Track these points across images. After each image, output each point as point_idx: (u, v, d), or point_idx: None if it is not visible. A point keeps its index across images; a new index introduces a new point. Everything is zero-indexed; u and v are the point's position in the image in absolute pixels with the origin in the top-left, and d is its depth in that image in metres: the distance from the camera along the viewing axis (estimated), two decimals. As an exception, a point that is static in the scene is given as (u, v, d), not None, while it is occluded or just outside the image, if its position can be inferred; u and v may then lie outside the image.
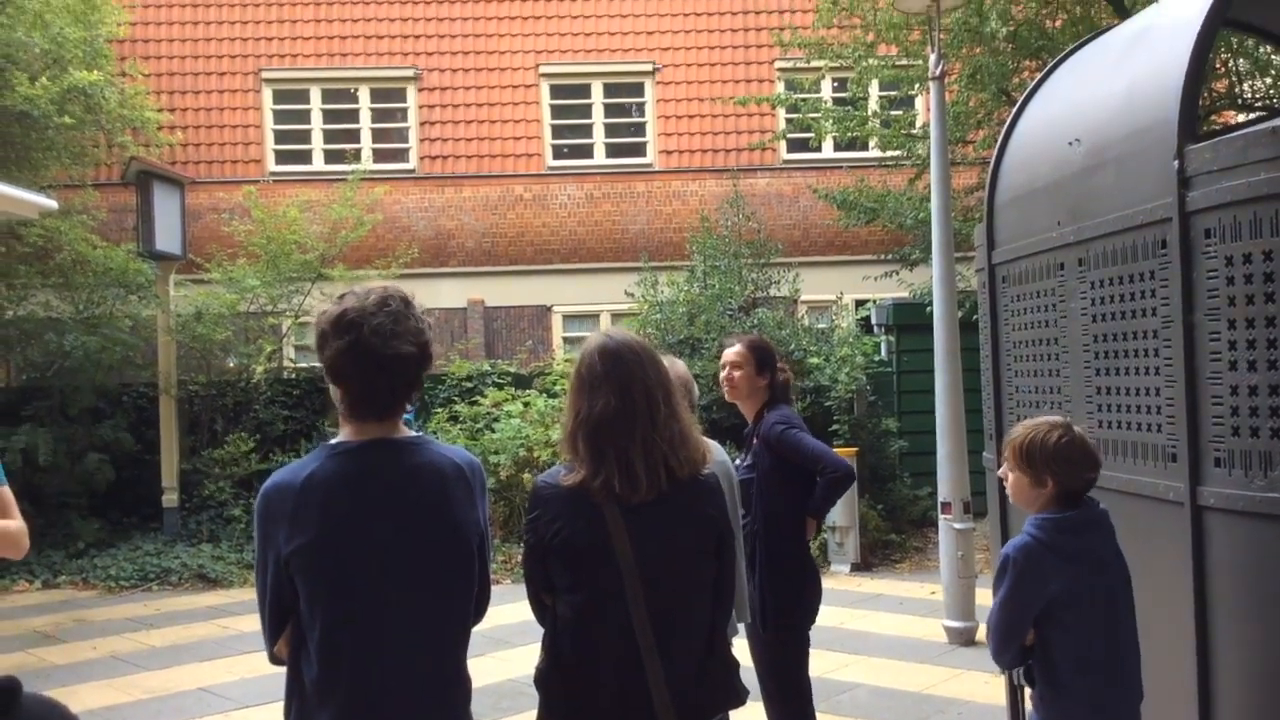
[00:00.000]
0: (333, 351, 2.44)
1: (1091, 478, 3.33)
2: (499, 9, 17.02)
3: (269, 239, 12.85)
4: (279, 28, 16.73)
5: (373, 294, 2.48)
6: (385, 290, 2.51)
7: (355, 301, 2.47)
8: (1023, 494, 3.36)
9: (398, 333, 2.44)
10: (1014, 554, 3.21)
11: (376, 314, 2.43)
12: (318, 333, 2.49)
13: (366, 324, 2.42)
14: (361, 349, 2.41)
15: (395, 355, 2.43)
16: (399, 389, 2.50)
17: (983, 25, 10.12)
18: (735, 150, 16.89)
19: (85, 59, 11.95)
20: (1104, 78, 4.86)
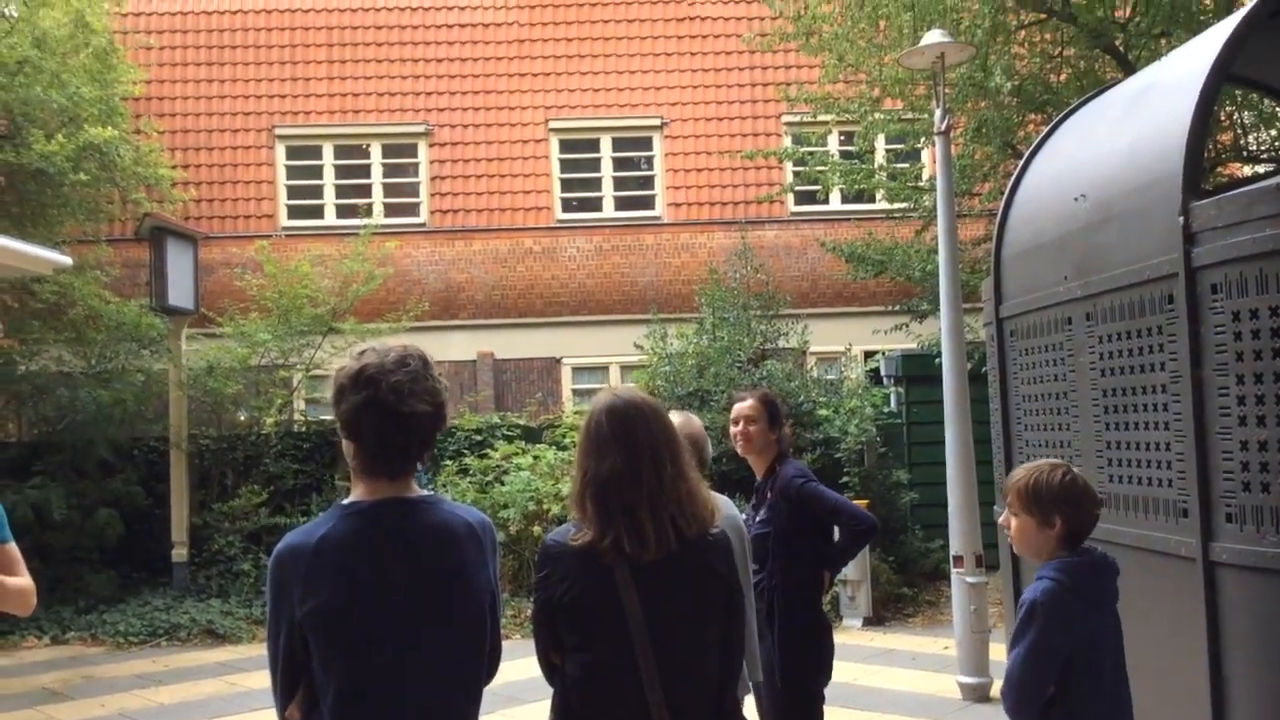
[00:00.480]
0: (349, 406, 2.47)
1: (1097, 514, 3.24)
2: (509, 66, 17.23)
3: (281, 293, 12.95)
4: (292, 85, 16.96)
5: (392, 352, 2.52)
6: (405, 349, 2.54)
7: (375, 359, 2.50)
8: (1030, 539, 3.26)
9: (415, 391, 2.47)
10: (1040, 599, 3.09)
11: (395, 372, 2.46)
12: (335, 387, 2.52)
13: (384, 381, 2.45)
14: (377, 405, 2.44)
15: (410, 413, 2.45)
16: (412, 447, 2.52)
17: (987, 80, 10.21)
18: (743, 203, 17.00)
19: (101, 117, 12.14)
20: (1108, 134, 4.90)
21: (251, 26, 17.00)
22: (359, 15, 17.11)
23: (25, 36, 11.75)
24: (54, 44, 11.93)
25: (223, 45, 16.92)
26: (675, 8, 17.44)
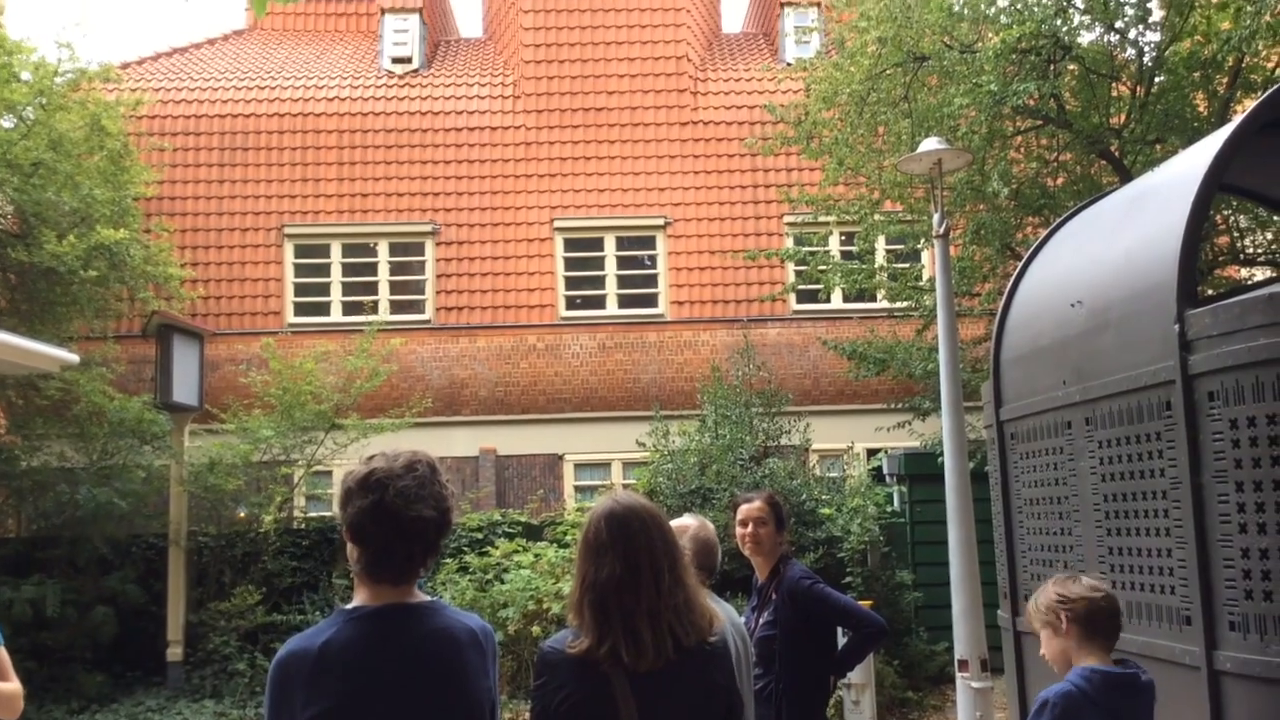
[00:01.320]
0: (355, 510, 2.49)
1: (1107, 620, 3.22)
2: (516, 167, 17.53)
3: (285, 389, 13.00)
4: (302, 185, 17.24)
5: (401, 457, 2.55)
6: (414, 455, 2.57)
7: (383, 463, 2.53)
8: (1060, 652, 3.24)
9: (421, 496, 2.49)
10: (1053, 699, 3.07)
11: (403, 476, 2.49)
12: (343, 491, 2.55)
13: (392, 485, 2.47)
14: (384, 509, 2.46)
15: (417, 518, 2.48)
16: (416, 553, 2.54)
17: (984, 185, 10.37)
18: (746, 301, 17.13)
19: (113, 217, 12.33)
20: (1104, 241, 4.98)
21: (264, 130, 17.34)
22: (369, 119, 17.46)
23: (41, 139, 12.00)
24: (69, 147, 12.18)
25: (235, 147, 17.24)
26: (679, 111, 17.80)
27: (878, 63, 11.29)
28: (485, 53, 19.44)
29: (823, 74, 12.34)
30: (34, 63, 12.70)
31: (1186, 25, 10.40)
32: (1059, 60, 10.62)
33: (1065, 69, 10.97)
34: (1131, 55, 11.09)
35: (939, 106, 10.82)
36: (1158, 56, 10.67)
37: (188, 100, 17.36)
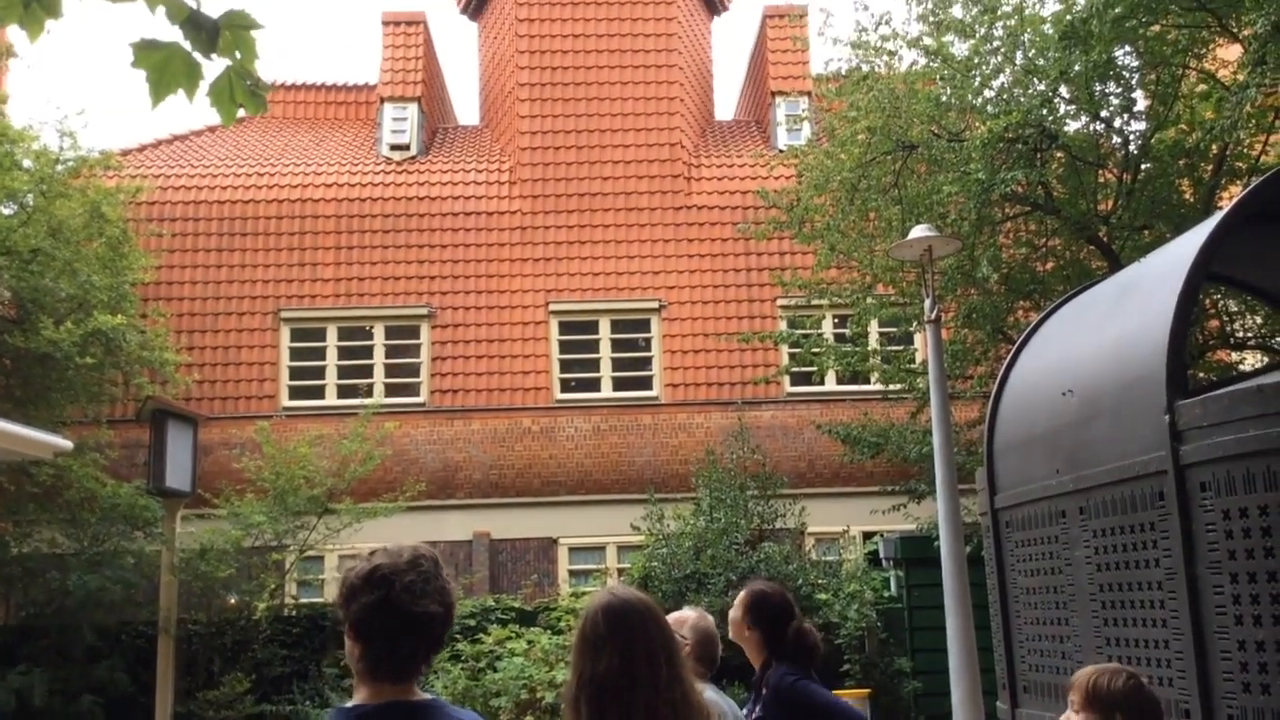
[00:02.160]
0: (360, 606, 2.48)
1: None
2: (511, 251, 17.69)
3: (278, 473, 12.97)
4: (299, 270, 17.37)
5: (405, 552, 2.55)
6: (416, 550, 2.58)
7: (388, 559, 2.53)
8: None
9: (427, 591, 2.49)
10: None
11: (408, 572, 2.49)
12: (346, 587, 2.53)
13: (398, 581, 2.47)
14: (390, 605, 2.46)
15: (423, 614, 2.48)
16: (421, 650, 2.53)
17: (975, 271, 10.49)
18: (740, 384, 17.18)
19: (110, 304, 12.41)
20: (1094, 329, 5.04)
21: (262, 215, 17.51)
22: (367, 204, 17.67)
23: (41, 226, 12.13)
24: (69, 233, 12.31)
25: (233, 232, 17.40)
26: (673, 196, 18.04)
27: (868, 151, 11.49)
28: (482, 140, 19.74)
29: (814, 161, 12.54)
30: (36, 150, 12.88)
31: (1171, 114, 10.62)
32: (1046, 149, 10.81)
33: (1052, 157, 11.17)
34: (1117, 143, 11.30)
35: (928, 193, 10.99)
36: (1143, 145, 10.88)
37: (187, 186, 17.56)
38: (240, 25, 3.23)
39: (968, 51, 11.43)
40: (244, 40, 3.24)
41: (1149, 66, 10.66)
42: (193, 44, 3.16)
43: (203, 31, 3.14)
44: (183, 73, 3.17)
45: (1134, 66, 10.73)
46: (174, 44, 3.14)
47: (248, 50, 3.25)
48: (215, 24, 3.18)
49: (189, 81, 3.18)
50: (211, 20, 3.17)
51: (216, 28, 3.18)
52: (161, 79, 3.15)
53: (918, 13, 11.88)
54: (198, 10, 3.13)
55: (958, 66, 11.33)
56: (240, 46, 3.24)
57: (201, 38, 3.15)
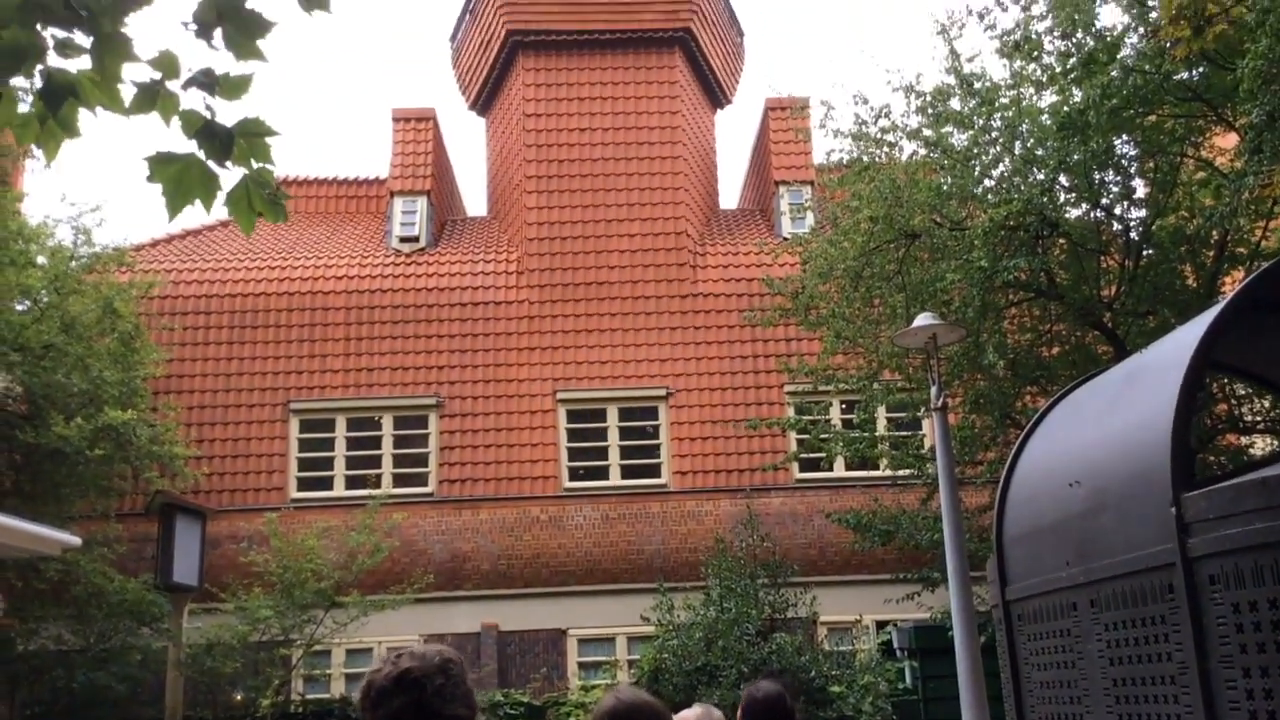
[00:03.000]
0: (390, 711, 2.46)
1: None
2: (519, 340, 17.81)
3: (285, 567, 12.91)
4: (309, 361, 17.48)
5: (433, 656, 2.56)
6: (444, 654, 2.59)
7: (417, 662, 2.53)
8: None
9: (457, 695, 2.51)
10: None
11: (439, 675, 2.50)
12: (373, 691, 2.50)
13: (429, 684, 2.47)
14: (422, 709, 2.46)
15: (453, 717, 2.48)
16: None
17: (981, 357, 10.54)
18: (748, 470, 17.13)
19: (121, 398, 12.49)
20: (1099, 419, 5.05)
21: (273, 308, 17.67)
22: (376, 296, 17.84)
23: (54, 322, 12.27)
24: (81, 329, 12.45)
25: (244, 325, 17.55)
26: (679, 284, 18.19)
27: (871, 239, 11.63)
28: (490, 231, 20.00)
29: (818, 249, 12.69)
30: (51, 248, 13.08)
31: (1170, 201, 10.76)
32: (1047, 236, 10.93)
33: (1054, 243, 11.29)
34: (1118, 230, 11.42)
35: (932, 280, 11.09)
36: (1144, 231, 10.99)
37: (199, 280, 17.77)
38: (255, 133, 3.25)
39: (966, 142, 11.63)
40: (260, 147, 3.28)
41: (1147, 155, 10.82)
42: (208, 153, 3.19)
43: (217, 140, 3.18)
44: (199, 183, 3.20)
45: (1132, 155, 10.90)
46: (190, 155, 3.17)
47: (264, 156, 3.28)
48: (230, 133, 3.21)
49: (205, 192, 3.21)
50: (226, 129, 3.19)
51: (231, 136, 3.21)
52: (178, 190, 3.18)
53: (916, 105, 12.12)
54: (213, 120, 3.17)
55: (957, 156, 11.52)
56: (256, 154, 3.27)
57: (216, 147, 3.18)
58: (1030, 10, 11.41)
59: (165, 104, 3.16)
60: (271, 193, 3.29)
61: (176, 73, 3.13)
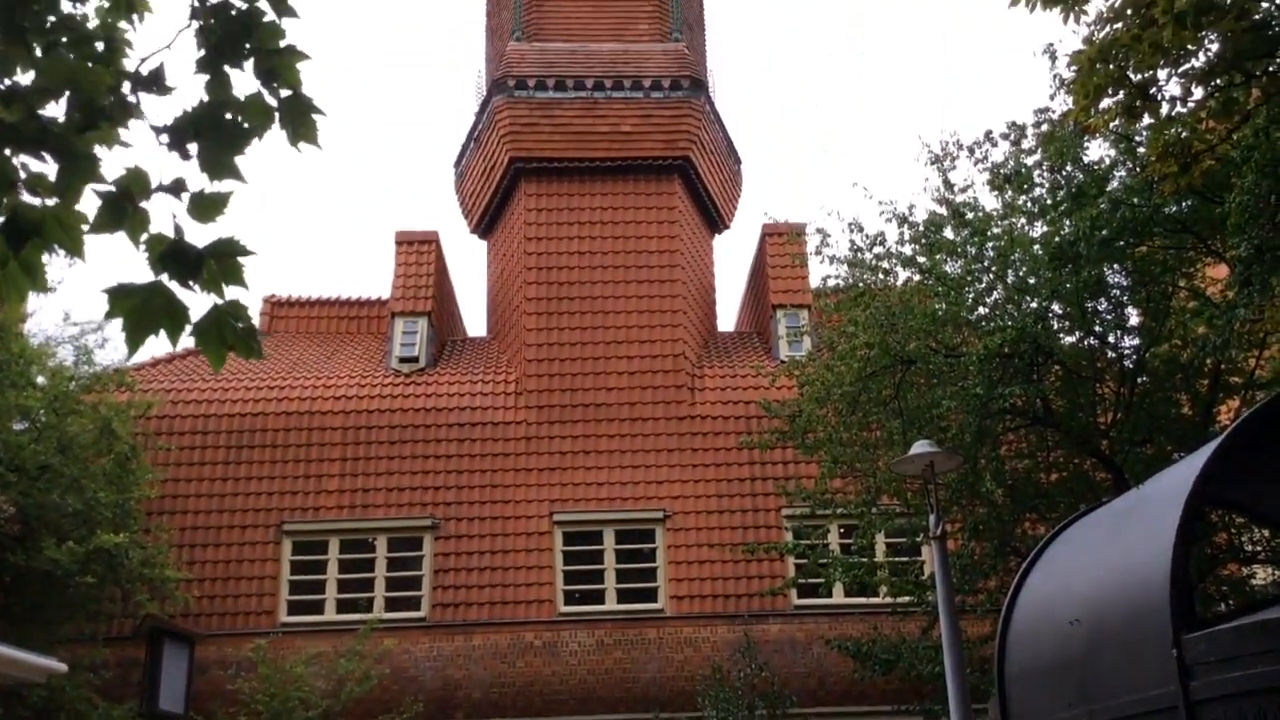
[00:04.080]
0: None
1: None
2: (516, 462, 17.75)
3: (272, 695, 12.64)
4: (304, 482, 17.40)
5: None
6: None
7: None
8: None
9: None
10: None
11: None
12: None
13: None
14: None
15: None
16: None
17: (979, 485, 10.52)
18: (746, 596, 16.91)
19: (114, 520, 12.40)
20: (1098, 556, 5.03)
21: (270, 428, 17.66)
22: (374, 416, 17.85)
23: (51, 443, 12.26)
24: (78, 450, 12.43)
25: (240, 445, 17.50)
26: (677, 407, 18.22)
27: (867, 365, 11.70)
28: (490, 351, 20.12)
29: (814, 374, 12.75)
30: (51, 368, 13.13)
31: (1163, 330, 10.86)
32: (1042, 364, 11.01)
33: (1049, 371, 11.36)
34: (1113, 357, 11.50)
35: (928, 407, 11.13)
36: (1138, 359, 11.07)
37: (197, 400, 17.79)
38: (227, 253, 2.95)
39: (960, 270, 11.80)
40: (232, 269, 2.95)
41: (1139, 284, 10.97)
42: (171, 275, 2.88)
43: (186, 262, 2.89)
44: (164, 312, 2.87)
45: (1124, 284, 11.05)
46: (155, 283, 2.86)
47: (236, 279, 2.95)
48: (199, 254, 2.90)
49: (171, 321, 2.89)
50: (195, 250, 2.89)
51: (200, 258, 2.90)
52: (140, 322, 2.86)
53: (910, 235, 12.34)
54: (180, 239, 2.88)
55: (951, 283, 11.68)
56: (227, 275, 2.95)
57: (182, 269, 2.89)
58: (1020, 145, 11.72)
59: (133, 223, 2.90)
60: (246, 325, 2.96)
61: (147, 191, 2.91)
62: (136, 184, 2.90)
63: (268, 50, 3.07)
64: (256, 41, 3.06)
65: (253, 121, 3.08)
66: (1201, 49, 7.77)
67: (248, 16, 3.05)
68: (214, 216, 2.95)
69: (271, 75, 3.09)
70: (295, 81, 3.12)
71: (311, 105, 3.14)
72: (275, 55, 3.08)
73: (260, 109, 3.08)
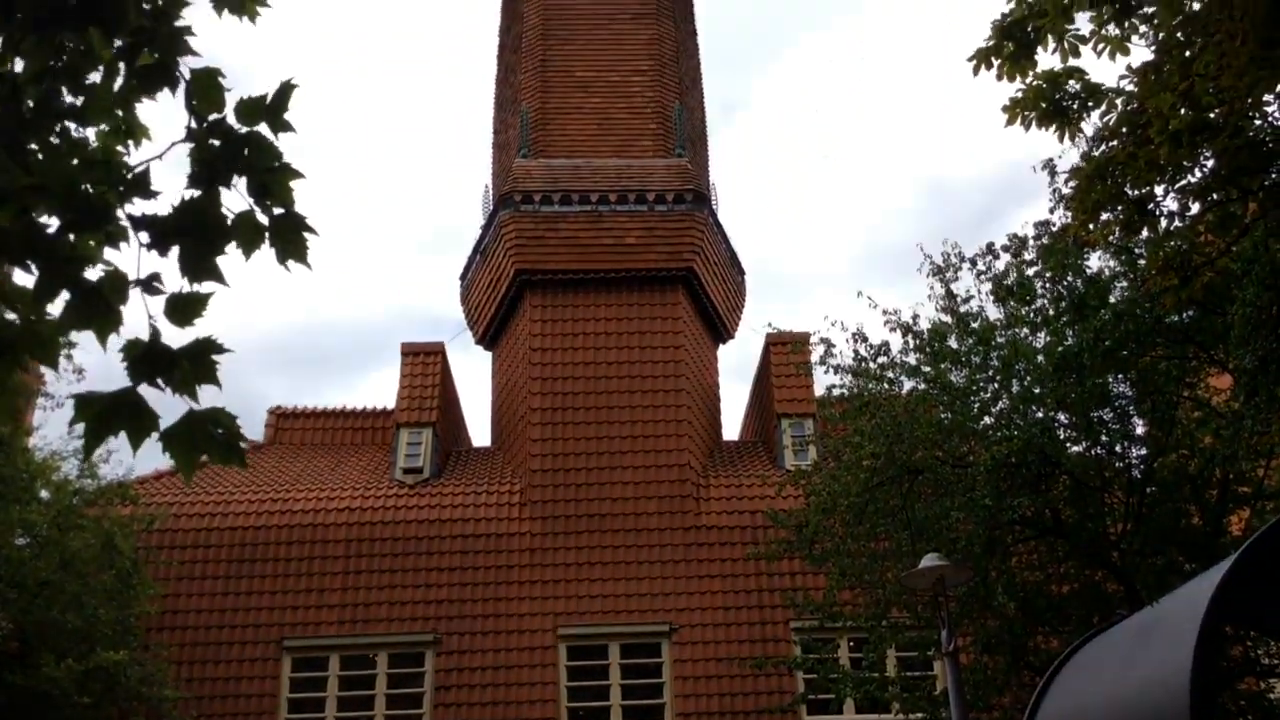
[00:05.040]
0: None
1: None
2: (520, 574, 17.56)
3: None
4: (305, 596, 17.19)
5: None
6: None
7: None
8: None
9: None
10: None
11: None
12: None
13: None
14: None
15: None
16: None
17: (990, 599, 10.38)
18: (755, 712, 16.54)
19: (114, 637, 12.23)
20: (1116, 678, 4.94)
21: (272, 540, 17.51)
22: (377, 528, 17.71)
23: (53, 558, 12.16)
24: (80, 565, 12.32)
25: (242, 559, 17.32)
26: (683, 517, 18.09)
27: (873, 475, 11.66)
28: (494, 462, 20.07)
29: (821, 484, 12.69)
30: (56, 482, 13.09)
31: (1170, 440, 10.84)
32: (1049, 474, 10.97)
33: (1057, 481, 11.30)
34: (1121, 467, 11.46)
35: (937, 518, 11.05)
36: (1146, 469, 11.03)
37: (200, 513, 17.69)
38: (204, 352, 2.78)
39: (964, 380, 11.84)
40: (206, 369, 2.78)
41: (1143, 394, 10.98)
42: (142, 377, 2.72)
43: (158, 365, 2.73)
44: (129, 415, 2.69)
45: (1128, 394, 11.06)
46: (126, 389, 2.71)
47: (209, 378, 2.78)
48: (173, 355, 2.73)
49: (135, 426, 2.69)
50: (170, 352, 2.74)
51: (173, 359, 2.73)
52: (99, 427, 2.68)
53: (914, 344, 12.41)
54: (155, 341, 2.74)
55: (956, 393, 11.71)
56: (200, 375, 2.77)
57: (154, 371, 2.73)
58: (1021, 256, 11.87)
59: (102, 322, 2.77)
60: (228, 432, 2.75)
61: (124, 293, 2.79)
62: (113, 286, 2.79)
63: (262, 169, 2.99)
64: (251, 160, 2.99)
65: (242, 239, 2.97)
66: (1197, 165, 7.89)
67: (245, 138, 2.99)
68: (192, 320, 2.83)
69: (264, 192, 3.00)
70: (288, 199, 3.03)
71: (304, 223, 3.03)
72: (269, 173, 3.00)
73: (251, 227, 2.98)
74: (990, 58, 7.78)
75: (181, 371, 2.74)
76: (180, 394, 2.74)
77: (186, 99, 3.00)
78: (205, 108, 3.00)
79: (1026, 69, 7.81)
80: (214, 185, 2.91)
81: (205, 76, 3.02)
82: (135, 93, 3.10)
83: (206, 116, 2.99)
